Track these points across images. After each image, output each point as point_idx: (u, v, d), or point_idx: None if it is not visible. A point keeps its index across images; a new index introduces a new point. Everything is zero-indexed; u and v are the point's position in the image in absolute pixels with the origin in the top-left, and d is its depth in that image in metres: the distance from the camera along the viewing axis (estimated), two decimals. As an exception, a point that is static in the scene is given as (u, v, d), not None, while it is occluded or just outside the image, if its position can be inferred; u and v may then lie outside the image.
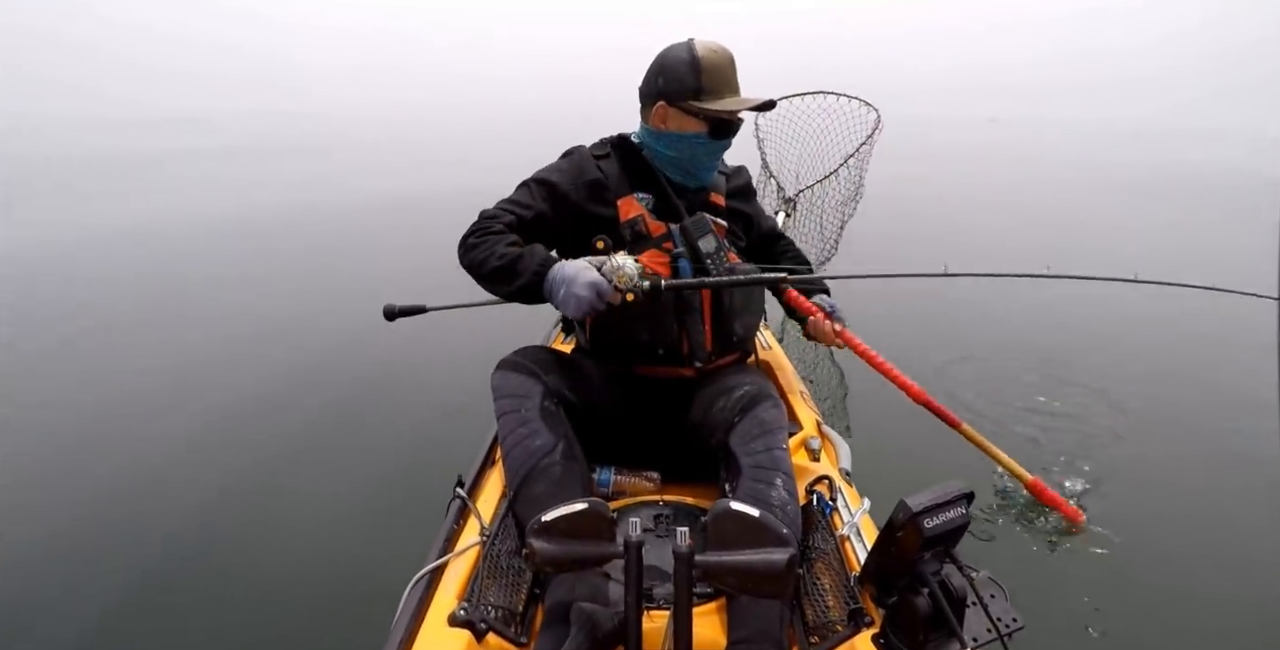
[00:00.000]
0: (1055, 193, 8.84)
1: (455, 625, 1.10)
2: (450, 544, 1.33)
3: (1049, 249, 5.92)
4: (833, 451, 1.73)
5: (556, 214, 1.59)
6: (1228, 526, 2.36)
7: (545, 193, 1.59)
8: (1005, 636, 1.02)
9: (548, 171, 1.63)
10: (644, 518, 1.46)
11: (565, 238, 1.60)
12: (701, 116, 1.56)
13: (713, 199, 1.71)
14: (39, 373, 3.77)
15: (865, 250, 4.14)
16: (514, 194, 1.62)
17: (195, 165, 10.38)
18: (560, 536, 0.94)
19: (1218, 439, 2.93)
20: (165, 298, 4.86)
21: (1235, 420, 3.06)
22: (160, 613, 2.03)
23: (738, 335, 1.65)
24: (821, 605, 1.24)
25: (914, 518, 0.95)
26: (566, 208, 1.59)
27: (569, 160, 1.66)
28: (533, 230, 1.57)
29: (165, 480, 2.70)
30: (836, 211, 3.59)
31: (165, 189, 9.75)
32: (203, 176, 10.92)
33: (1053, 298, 4.13)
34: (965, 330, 4.08)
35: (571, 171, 1.62)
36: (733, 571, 0.90)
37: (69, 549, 2.30)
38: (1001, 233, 6.86)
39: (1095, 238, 6.51)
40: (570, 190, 1.59)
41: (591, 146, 1.68)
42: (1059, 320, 4.07)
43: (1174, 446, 2.88)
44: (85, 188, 8.83)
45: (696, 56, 1.54)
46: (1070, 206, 7.95)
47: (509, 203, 1.59)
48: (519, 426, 1.42)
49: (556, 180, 1.60)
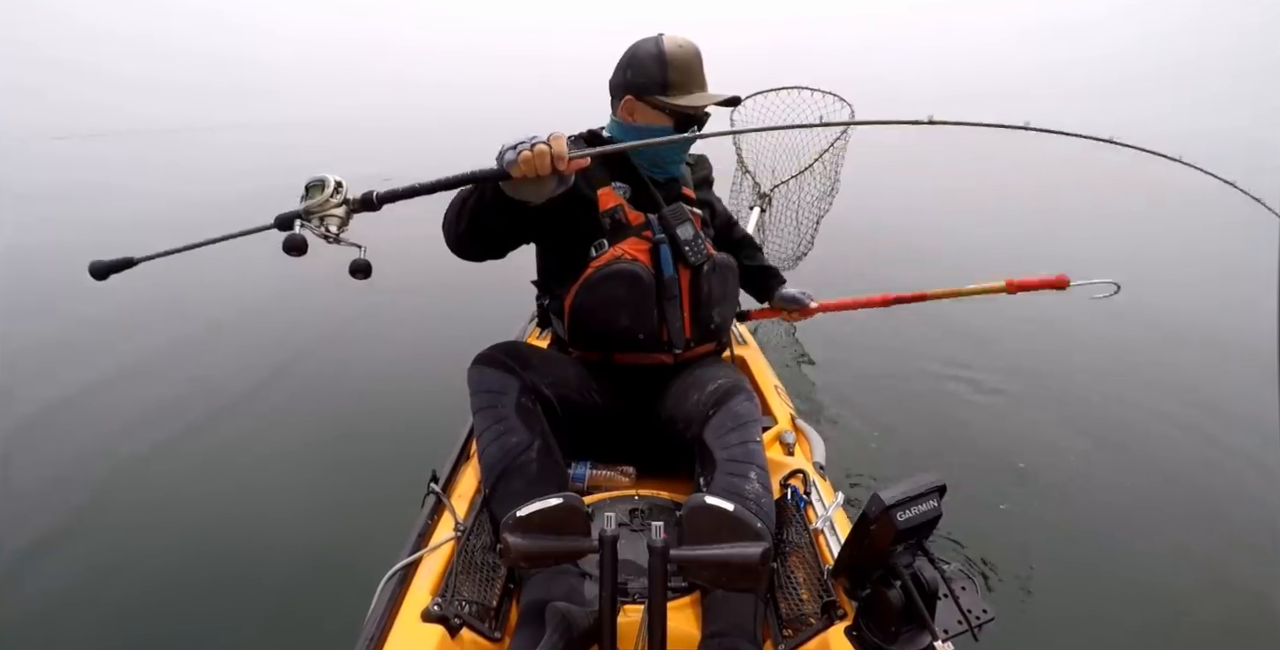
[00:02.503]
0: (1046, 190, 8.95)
1: (429, 620, 1.09)
2: (425, 539, 1.32)
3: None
4: (807, 446, 1.75)
5: None
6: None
7: None
8: (976, 628, 1.03)
9: None
10: (619, 512, 1.46)
11: (542, 213, 1.55)
12: (667, 111, 1.57)
13: (684, 191, 1.73)
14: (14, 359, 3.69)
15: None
16: None
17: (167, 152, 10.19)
18: (535, 531, 0.94)
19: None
20: (136, 291, 4.77)
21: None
22: (131, 605, 2.00)
23: (714, 323, 1.67)
24: (795, 598, 1.26)
25: (886, 511, 0.96)
26: None
27: None
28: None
29: (135, 470, 2.66)
30: (812, 207, 3.60)
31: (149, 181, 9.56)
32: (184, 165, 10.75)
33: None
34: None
35: None
36: (707, 565, 0.90)
37: (27, 539, 2.27)
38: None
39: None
40: None
41: (569, 139, 1.66)
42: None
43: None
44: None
45: (664, 51, 1.54)
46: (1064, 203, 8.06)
47: None
48: (495, 423, 1.42)
49: None
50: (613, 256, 1.55)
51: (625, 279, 1.54)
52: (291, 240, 1.16)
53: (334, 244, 1.20)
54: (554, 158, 1.21)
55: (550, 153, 1.20)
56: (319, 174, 1.21)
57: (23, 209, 7.56)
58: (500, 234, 1.47)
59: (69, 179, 9.38)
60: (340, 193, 1.20)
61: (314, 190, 1.19)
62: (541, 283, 1.74)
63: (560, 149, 1.21)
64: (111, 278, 1.28)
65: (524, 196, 1.30)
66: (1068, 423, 3.03)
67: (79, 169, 10.23)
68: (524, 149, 1.20)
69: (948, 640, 1.01)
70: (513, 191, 1.29)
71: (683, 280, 1.60)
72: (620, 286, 1.54)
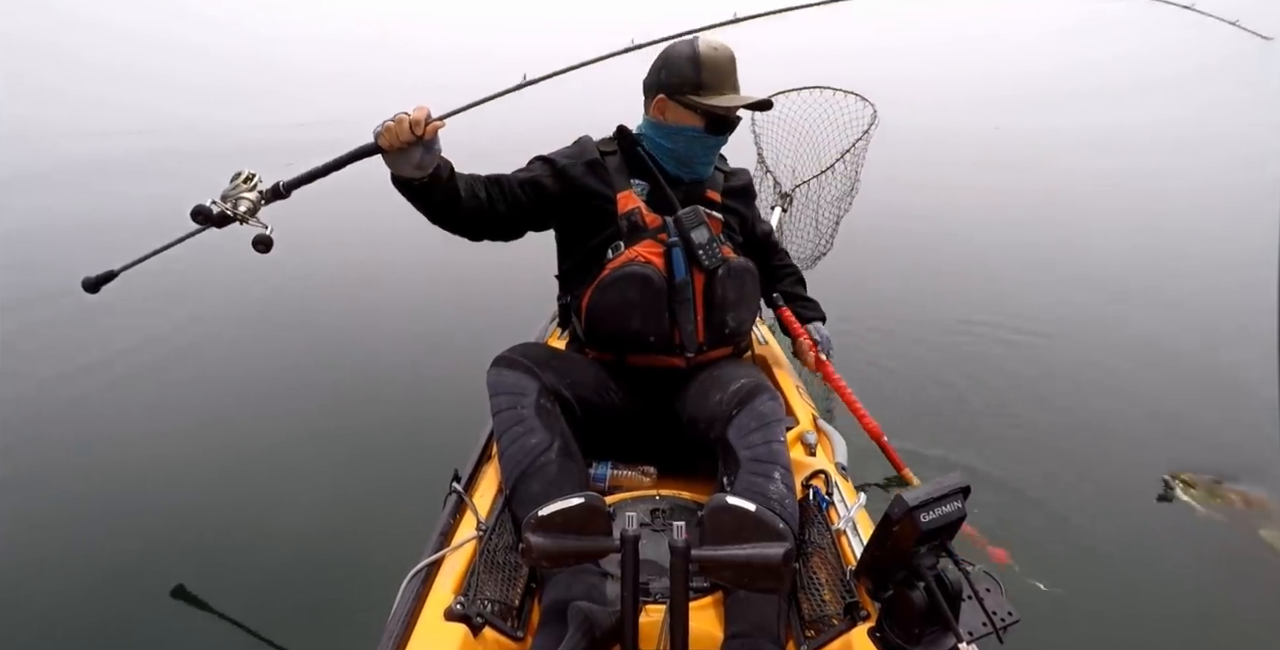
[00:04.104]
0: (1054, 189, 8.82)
1: (452, 619, 1.10)
2: (447, 538, 1.33)
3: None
4: (829, 446, 1.74)
5: (552, 184, 1.63)
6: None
7: (543, 165, 1.67)
8: (1001, 630, 1.02)
9: (553, 152, 1.70)
10: (640, 512, 1.46)
11: (562, 208, 1.66)
12: (699, 111, 1.60)
13: (708, 194, 1.73)
14: (34, 356, 3.75)
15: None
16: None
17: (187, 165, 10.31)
18: (556, 531, 0.94)
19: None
20: (158, 289, 4.83)
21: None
22: (155, 604, 2.03)
23: (729, 328, 1.66)
24: (818, 599, 1.25)
25: (910, 512, 0.95)
26: (562, 179, 1.64)
27: (574, 145, 1.72)
28: (527, 192, 1.62)
29: (160, 471, 2.69)
30: (832, 207, 3.58)
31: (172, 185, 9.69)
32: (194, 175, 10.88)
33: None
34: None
35: (573, 152, 1.68)
36: (729, 565, 0.90)
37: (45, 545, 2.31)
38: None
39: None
40: (568, 165, 1.64)
41: (599, 141, 1.73)
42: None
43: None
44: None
45: (698, 52, 1.58)
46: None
47: (512, 172, 1.66)
48: (515, 424, 1.42)
49: (556, 157, 1.68)
50: (627, 259, 1.58)
51: (636, 281, 1.56)
52: (197, 207, 1.37)
53: (241, 224, 1.39)
54: (412, 124, 1.32)
55: (408, 120, 1.32)
56: (241, 169, 1.42)
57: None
58: (447, 219, 1.55)
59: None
60: (251, 182, 1.40)
61: (235, 180, 1.40)
62: (562, 282, 1.76)
63: (419, 116, 1.32)
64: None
65: (400, 170, 1.40)
66: (1105, 428, 2.94)
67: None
68: (388, 121, 1.33)
69: (972, 642, 1.00)
70: (392, 165, 1.39)
71: (696, 284, 1.60)
72: (631, 289, 1.56)
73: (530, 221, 1.68)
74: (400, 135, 1.33)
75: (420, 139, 1.34)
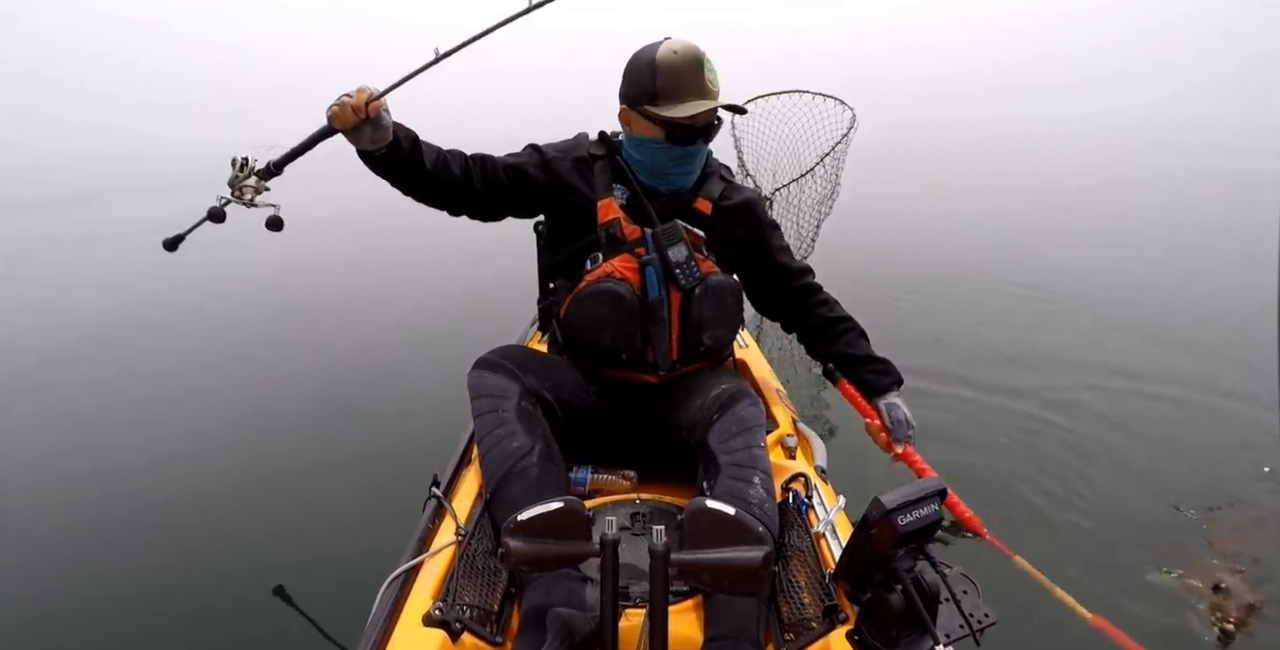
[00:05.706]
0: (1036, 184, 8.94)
1: (430, 625, 1.09)
2: (426, 543, 1.32)
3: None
4: (809, 449, 1.74)
5: (536, 173, 1.63)
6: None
7: (533, 153, 1.67)
8: (978, 632, 1.03)
9: (547, 143, 1.71)
10: (620, 516, 1.46)
11: (543, 200, 1.66)
12: (657, 121, 1.53)
13: (697, 205, 1.66)
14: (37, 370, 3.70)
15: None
16: None
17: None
18: (536, 535, 0.94)
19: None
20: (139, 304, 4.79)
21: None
22: (130, 607, 2.01)
23: (705, 346, 1.62)
24: (797, 602, 1.25)
25: (888, 515, 0.96)
26: (547, 171, 1.63)
27: (569, 140, 1.71)
28: (510, 176, 1.62)
29: (141, 477, 2.66)
30: (813, 210, 3.62)
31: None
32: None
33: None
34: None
35: (565, 147, 1.68)
36: (709, 569, 0.90)
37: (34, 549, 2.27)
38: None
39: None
40: (556, 158, 1.64)
41: (592, 142, 1.69)
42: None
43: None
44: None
45: (655, 59, 1.50)
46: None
47: (504, 154, 1.67)
48: (496, 427, 1.41)
49: (547, 148, 1.68)
50: (603, 273, 1.55)
51: (609, 298, 1.53)
52: (212, 209, 1.48)
53: (252, 208, 1.48)
54: (353, 108, 1.36)
55: (350, 103, 1.36)
56: (231, 155, 1.47)
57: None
58: (412, 188, 1.57)
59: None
60: (248, 167, 1.46)
61: (234, 168, 1.47)
62: (543, 279, 1.76)
63: (359, 100, 1.36)
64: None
65: (359, 144, 1.44)
66: (1086, 433, 2.96)
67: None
68: (333, 104, 1.38)
69: (949, 644, 1.01)
70: (351, 141, 1.43)
71: (673, 302, 1.56)
72: (604, 305, 1.54)
73: (510, 206, 1.67)
74: (346, 118, 1.37)
75: (366, 119, 1.38)
